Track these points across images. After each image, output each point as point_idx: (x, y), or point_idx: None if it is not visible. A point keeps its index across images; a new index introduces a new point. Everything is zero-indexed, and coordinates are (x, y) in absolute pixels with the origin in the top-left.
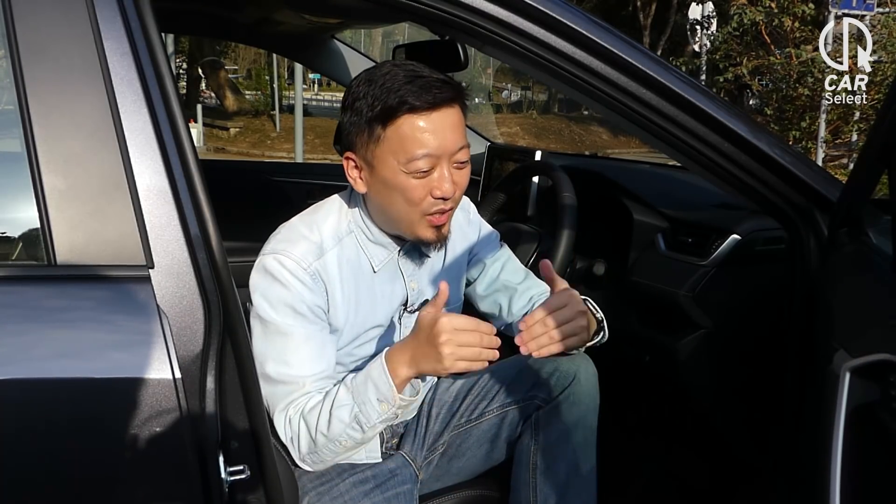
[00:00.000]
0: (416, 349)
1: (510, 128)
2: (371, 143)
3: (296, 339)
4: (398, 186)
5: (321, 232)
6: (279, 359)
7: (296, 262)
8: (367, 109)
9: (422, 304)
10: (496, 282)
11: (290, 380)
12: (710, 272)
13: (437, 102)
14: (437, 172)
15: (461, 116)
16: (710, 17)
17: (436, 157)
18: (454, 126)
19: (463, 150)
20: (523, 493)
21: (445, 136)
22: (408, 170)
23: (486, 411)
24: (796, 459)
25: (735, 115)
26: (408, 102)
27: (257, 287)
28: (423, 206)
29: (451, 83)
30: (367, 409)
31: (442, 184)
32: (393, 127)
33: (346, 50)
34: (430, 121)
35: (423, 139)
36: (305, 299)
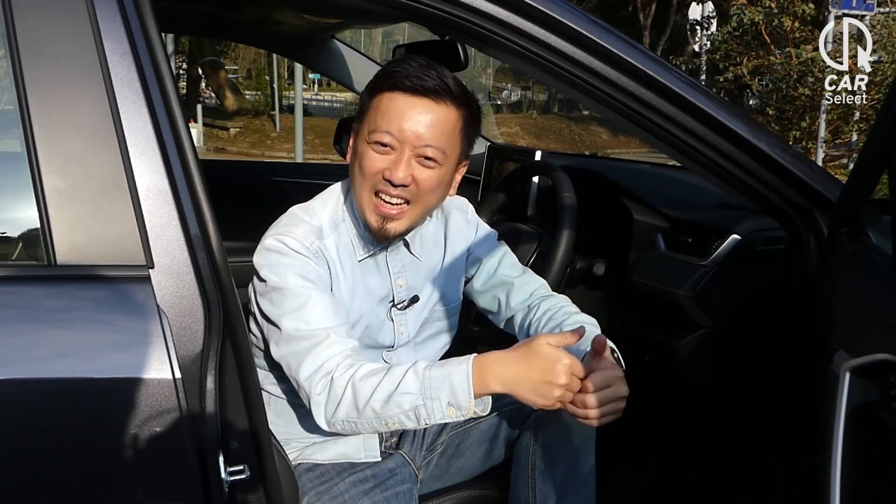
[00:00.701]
0: (525, 375)
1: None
2: (362, 113)
3: (312, 298)
4: (360, 154)
5: (320, 218)
6: (297, 317)
7: (297, 240)
8: (369, 83)
9: (411, 300)
10: (493, 277)
11: (310, 334)
12: (710, 272)
13: (421, 88)
14: (395, 155)
15: (448, 120)
16: (710, 17)
17: (398, 140)
18: (431, 122)
19: (431, 149)
20: (522, 493)
21: (416, 124)
22: (370, 139)
23: None
24: (796, 459)
25: (735, 115)
26: (393, 78)
27: (263, 264)
28: (372, 179)
29: (452, 89)
30: (433, 406)
31: (395, 167)
32: (377, 98)
33: (346, 50)
34: (409, 103)
35: (391, 116)
36: (311, 269)
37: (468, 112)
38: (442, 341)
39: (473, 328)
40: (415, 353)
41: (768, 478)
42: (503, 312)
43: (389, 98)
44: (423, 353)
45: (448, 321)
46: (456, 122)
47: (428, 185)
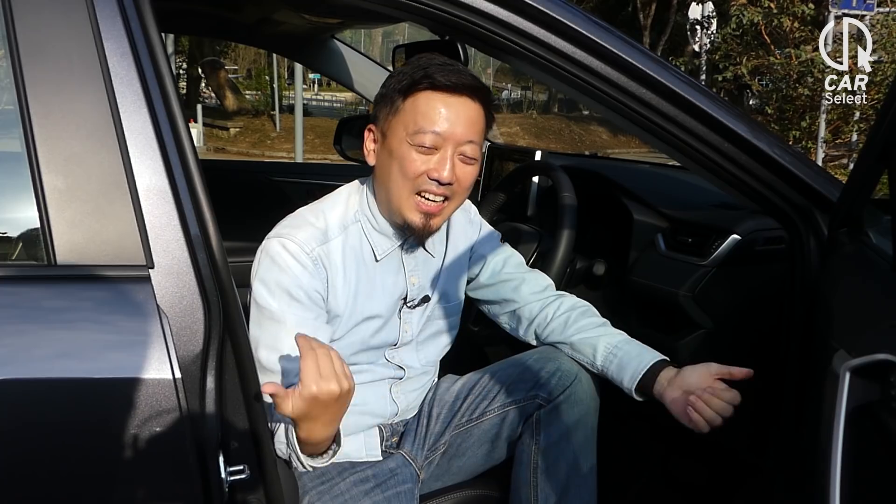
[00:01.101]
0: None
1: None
2: (390, 114)
3: (287, 326)
4: (399, 156)
5: (327, 220)
6: (271, 346)
7: (298, 245)
8: (396, 82)
9: (422, 299)
10: (500, 273)
11: (279, 368)
12: (710, 272)
13: (458, 86)
14: (440, 154)
15: (481, 116)
16: (710, 17)
17: (442, 139)
18: (469, 119)
19: (472, 146)
20: (524, 493)
21: (458, 123)
22: (412, 141)
23: (486, 411)
24: (796, 459)
25: (735, 116)
26: (431, 77)
27: (257, 272)
28: (416, 181)
29: (480, 84)
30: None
31: (441, 166)
32: (411, 99)
33: (346, 50)
34: (447, 103)
35: (434, 116)
36: (303, 284)
37: (489, 112)
38: (443, 341)
39: (473, 328)
40: (417, 352)
41: (768, 478)
42: (508, 305)
43: (428, 98)
44: (424, 353)
45: (449, 321)
46: (485, 119)
47: (467, 181)
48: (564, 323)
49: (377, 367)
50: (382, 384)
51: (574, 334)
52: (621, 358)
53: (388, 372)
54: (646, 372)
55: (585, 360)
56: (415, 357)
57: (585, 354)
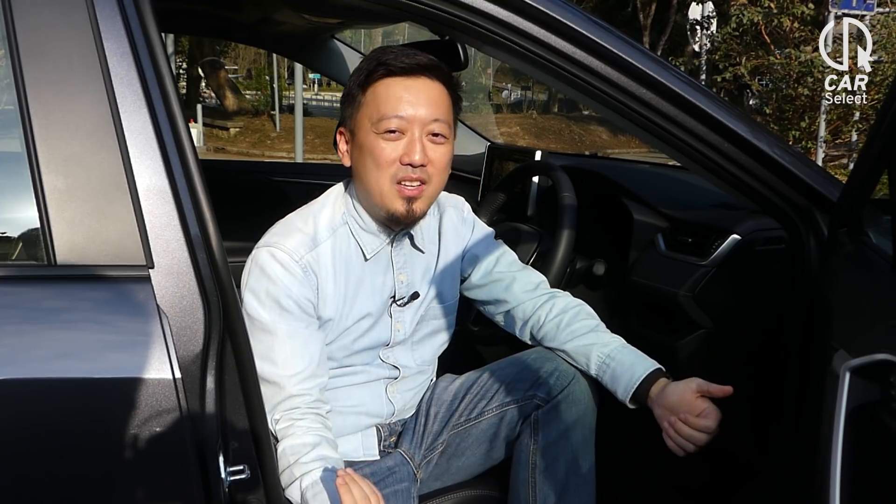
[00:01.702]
0: None
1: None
2: (354, 110)
3: (280, 337)
4: (369, 148)
5: (316, 223)
6: (264, 356)
7: (287, 254)
8: (355, 78)
9: (412, 296)
10: (492, 273)
11: (273, 378)
12: (710, 272)
13: (412, 67)
14: (407, 138)
15: (443, 94)
16: (710, 17)
17: (406, 122)
18: (431, 98)
19: (438, 123)
20: (522, 493)
21: (419, 103)
22: (378, 130)
23: (485, 410)
24: (796, 459)
25: (735, 116)
26: (386, 64)
27: (246, 283)
28: (390, 169)
29: (438, 63)
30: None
31: (411, 149)
32: (371, 89)
33: (346, 50)
34: (405, 86)
35: (394, 101)
36: (292, 293)
37: (453, 91)
38: (439, 340)
39: (473, 328)
40: (412, 351)
41: (768, 478)
42: (501, 305)
43: (386, 84)
44: (420, 352)
45: (445, 320)
46: (448, 97)
47: (441, 161)
48: (557, 327)
49: (372, 368)
50: (378, 384)
51: (567, 341)
52: (614, 369)
53: (382, 372)
54: (638, 385)
55: (580, 367)
56: (410, 357)
57: (579, 364)
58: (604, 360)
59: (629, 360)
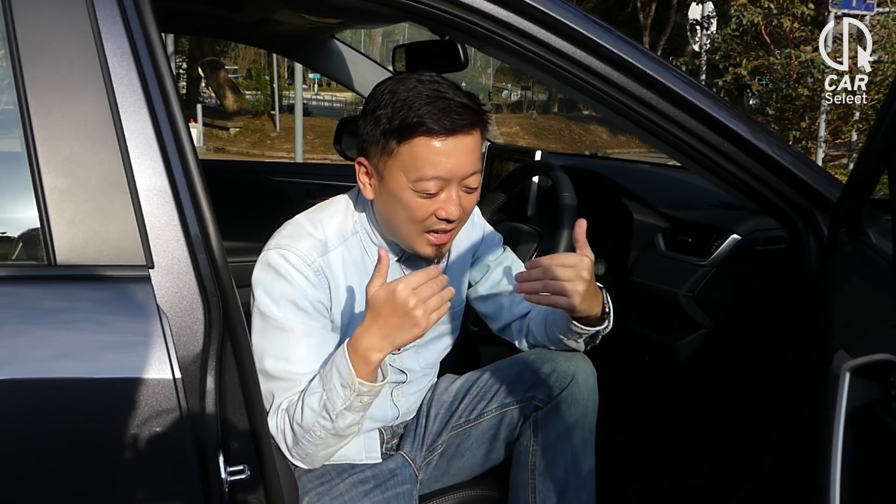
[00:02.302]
0: (385, 327)
1: (510, 128)
2: (384, 154)
3: (296, 335)
4: (403, 202)
5: (325, 230)
6: (278, 355)
7: (300, 257)
8: (386, 122)
9: None
10: (499, 285)
11: (287, 376)
12: (710, 272)
13: (455, 128)
14: (445, 194)
15: (479, 141)
16: (710, 18)
17: (445, 181)
18: (469, 151)
19: (474, 176)
20: (522, 494)
21: (459, 161)
22: (415, 188)
23: (485, 411)
24: (796, 459)
25: (735, 116)
26: (425, 125)
27: (259, 282)
28: (425, 223)
29: (473, 108)
30: (333, 395)
31: (448, 206)
32: (408, 145)
33: (346, 50)
34: (446, 144)
35: (435, 161)
36: (308, 294)
37: (485, 126)
38: (444, 343)
39: (473, 328)
40: (418, 355)
41: (768, 478)
42: (503, 319)
43: (426, 145)
44: (425, 355)
45: (452, 324)
46: (480, 138)
47: (471, 207)
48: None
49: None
50: (384, 389)
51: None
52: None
53: (389, 377)
54: None
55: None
56: (415, 360)
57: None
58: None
59: None
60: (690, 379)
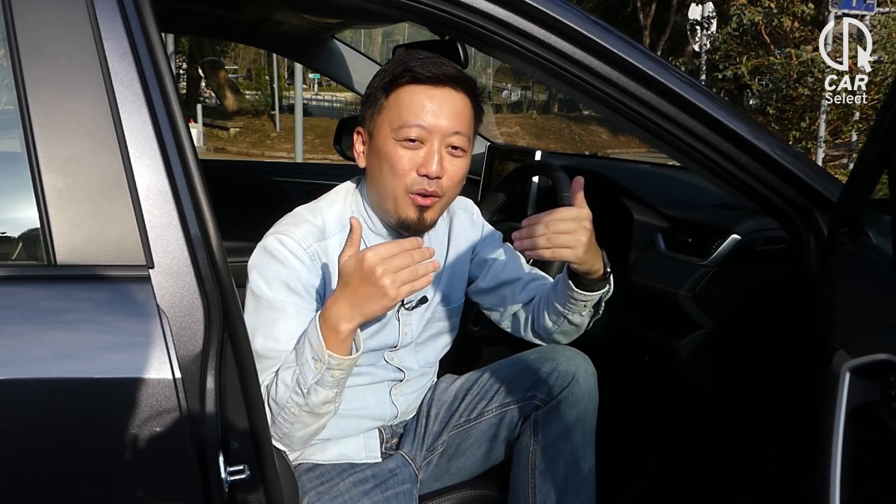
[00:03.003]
0: (354, 296)
1: (510, 128)
2: (375, 112)
3: (286, 315)
4: (386, 154)
5: (324, 218)
6: (268, 334)
7: (295, 241)
8: (379, 80)
9: (420, 300)
10: (500, 276)
11: (274, 355)
12: (710, 272)
13: (438, 77)
14: (427, 149)
15: (466, 107)
16: (710, 17)
17: (427, 132)
18: (454, 110)
19: (459, 136)
20: (522, 493)
21: (441, 114)
22: (397, 136)
23: (485, 411)
24: (796, 459)
25: (735, 116)
26: (412, 71)
27: (254, 265)
28: (406, 179)
29: (464, 74)
30: (305, 369)
31: (429, 161)
32: (394, 94)
33: (346, 50)
34: (430, 95)
35: (417, 109)
36: (301, 278)
37: (476, 104)
38: (443, 342)
39: (473, 328)
40: (416, 353)
41: (768, 478)
42: (508, 310)
43: (410, 91)
44: (423, 354)
45: (450, 322)
46: (471, 109)
47: (456, 175)
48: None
49: (377, 370)
50: (382, 387)
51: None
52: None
53: (387, 374)
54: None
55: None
56: (413, 359)
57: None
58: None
59: None
60: (690, 379)
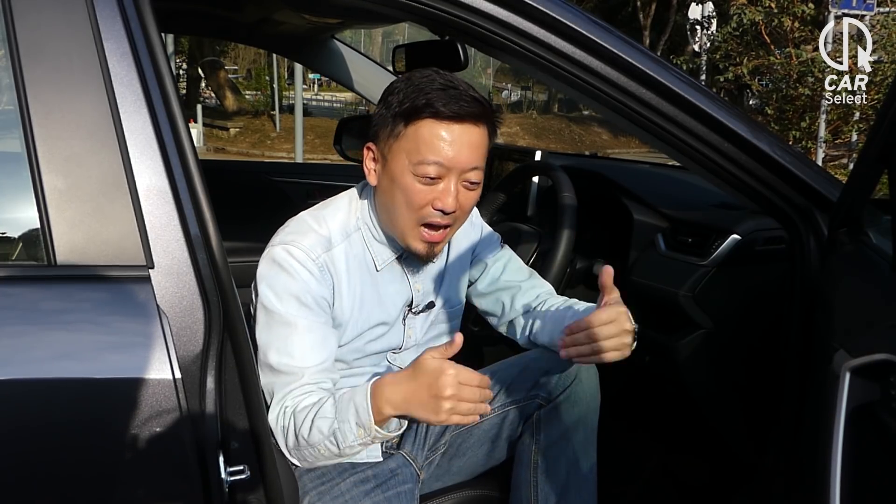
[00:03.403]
0: (413, 393)
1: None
2: (391, 137)
3: (299, 329)
4: (402, 186)
5: (329, 227)
6: (282, 349)
7: (304, 252)
8: (397, 105)
9: (427, 305)
10: (498, 281)
11: (290, 370)
12: (710, 272)
13: (461, 115)
14: (444, 184)
15: (484, 138)
16: (710, 17)
17: (446, 169)
18: (473, 144)
19: (475, 171)
20: (524, 492)
21: (461, 151)
22: (416, 172)
23: None
24: (796, 459)
25: (735, 116)
26: (433, 106)
27: (264, 277)
28: (420, 213)
29: (483, 103)
30: (345, 428)
31: (445, 196)
32: (413, 127)
33: (346, 50)
34: (451, 131)
35: (437, 146)
36: (311, 290)
37: (494, 131)
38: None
39: (473, 328)
40: (418, 354)
41: (768, 478)
42: (506, 315)
43: (431, 127)
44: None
45: (451, 324)
46: (487, 136)
47: (469, 206)
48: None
49: (380, 371)
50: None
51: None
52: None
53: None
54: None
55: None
56: None
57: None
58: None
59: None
60: (690, 379)
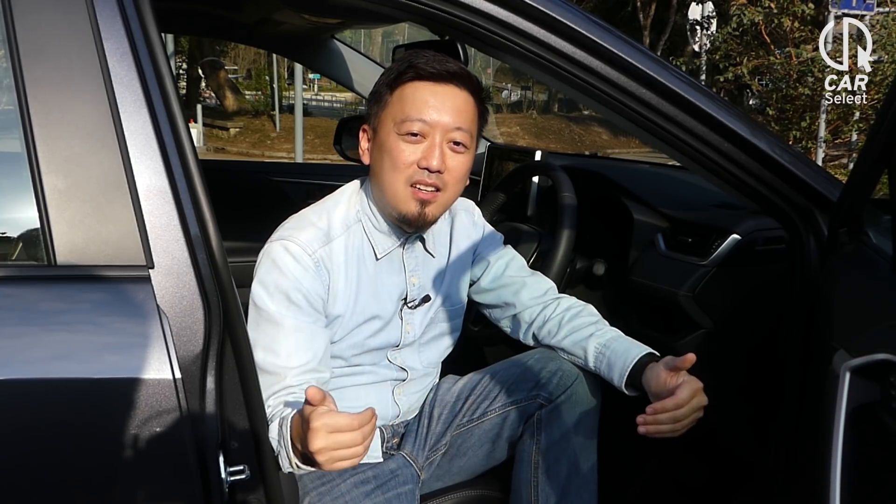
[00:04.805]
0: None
1: (510, 128)
2: (379, 109)
3: (285, 329)
4: (388, 148)
5: (330, 219)
6: (268, 347)
7: (301, 247)
8: (384, 78)
9: (422, 299)
10: (501, 277)
11: (274, 370)
12: (710, 272)
13: (442, 73)
14: (428, 142)
15: (469, 104)
16: (710, 18)
17: (429, 126)
18: (456, 106)
19: (461, 132)
20: (524, 492)
21: (444, 110)
22: (400, 131)
23: (488, 411)
24: (796, 459)
25: (735, 115)
26: (416, 67)
27: (257, 273)
28: (407, 172)
29: (468, 72)
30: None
31: (430, 154)
32: (398, 90)
33: (346, 50)
34: (433, 91)
35: (419, 104)
36: (303, 287)
37: (480, 102)
38: (445, 343)
39: (473, 328)
40: (419, 353)
41: (768, 478)
42: (508, 311)
43: (414, 87)
44: (427, 354)
45: (451, 323)
46: (475, 108)
47: (459, 171)
48: (558, 325)
49: (380, 369)
50: (385, 386)
51: (566, 336)
52: (609, 357)
53: (390, 374)
54: (631, 369)
55: (579, 362)
56: (416, 358)
57: (578, 356)
58: (600, 350)
59: (623, 347)
60: None
